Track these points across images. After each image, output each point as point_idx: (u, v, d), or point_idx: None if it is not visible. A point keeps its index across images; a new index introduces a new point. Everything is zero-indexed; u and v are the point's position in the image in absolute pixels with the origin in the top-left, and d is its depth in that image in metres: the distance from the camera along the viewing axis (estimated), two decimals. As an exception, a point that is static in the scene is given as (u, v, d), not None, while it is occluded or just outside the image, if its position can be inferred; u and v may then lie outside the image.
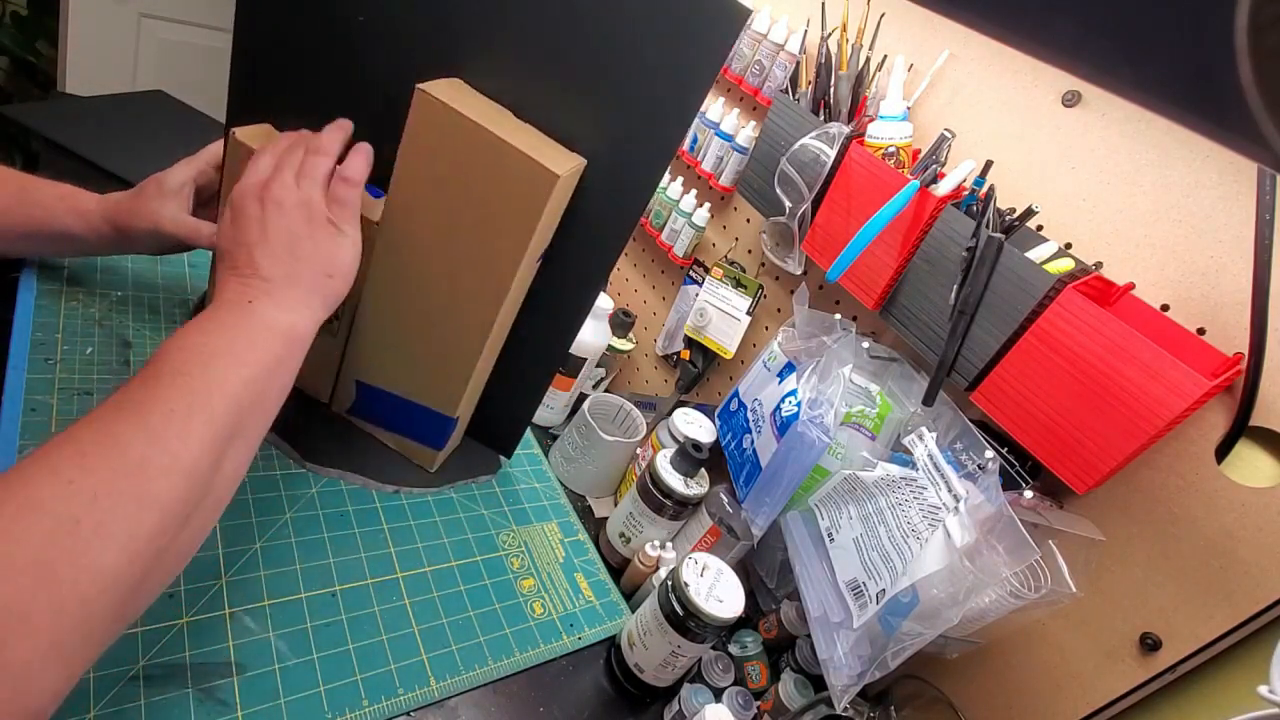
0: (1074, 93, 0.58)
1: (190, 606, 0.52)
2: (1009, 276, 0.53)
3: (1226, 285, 0.50)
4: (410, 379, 0.64)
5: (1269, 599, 0.47)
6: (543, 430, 0.90)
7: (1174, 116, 0.16)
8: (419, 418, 0.66)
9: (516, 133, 0.51)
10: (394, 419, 0.67)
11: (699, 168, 0.86)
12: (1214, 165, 0.50)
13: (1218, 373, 0.47)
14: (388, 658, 0.56)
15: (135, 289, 0.73)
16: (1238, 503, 0.49)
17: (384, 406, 0.66)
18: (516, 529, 0.73)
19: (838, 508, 0.62)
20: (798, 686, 0.66)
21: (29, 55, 1.62)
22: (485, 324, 0.58)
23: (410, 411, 0.65)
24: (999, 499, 0.51)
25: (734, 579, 0.63)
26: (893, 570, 0.54)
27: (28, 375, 0.59)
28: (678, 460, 0.72)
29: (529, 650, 0.63)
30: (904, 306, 0.62)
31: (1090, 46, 0.17)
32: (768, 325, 0.85)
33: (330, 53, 0.55)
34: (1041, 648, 0.59)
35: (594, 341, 0.84)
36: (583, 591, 0.71)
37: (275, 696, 0.50)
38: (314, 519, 0.62)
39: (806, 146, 0.68)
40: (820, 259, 0.69)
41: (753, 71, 0.79)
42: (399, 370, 0.63)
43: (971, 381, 0.57)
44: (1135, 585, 0.54)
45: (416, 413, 0.65)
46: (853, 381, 0.64)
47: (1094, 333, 0.49)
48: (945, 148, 0.60)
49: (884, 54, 0.70)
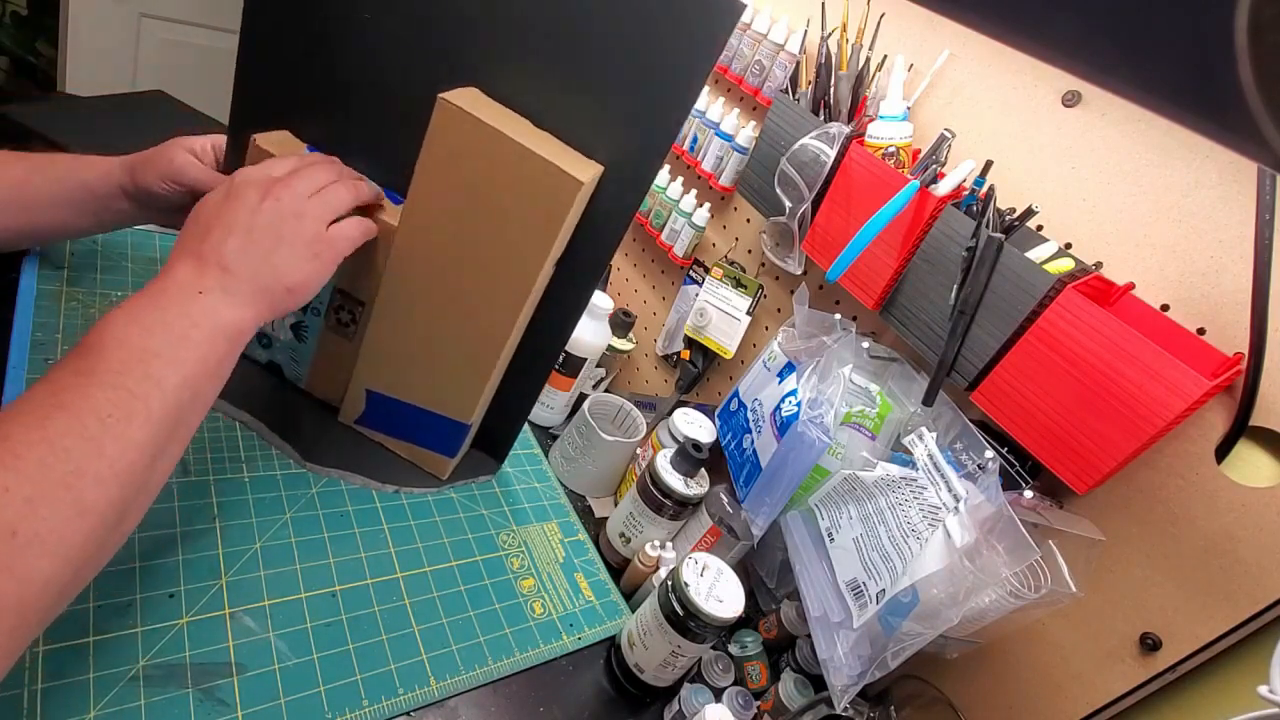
0: (1074, 93, 0.58)
1: (190, 606, 0.52)
2: (1009, 276, 0.53)
3: (1226, 285, 0.50)
4: (425, 386, 0.63)
5: (1269, 599, 0.47)
6: (543, 430, 0.90)
7: (1174, 116, 0.16)
8: (432, 425, 0.65)
9: (538, 140, 0.51)
10: (406, 427, 0.67)
11: (699, 168, 0.86)
12: (1214, 165, 0.50)
13: (1218, 373, 0.47)
14: (388, 658, 0.56)
15: (135, 289, 0.73)
16: (1238, 503, 0.49)
17: (396, 415, 0.66)
18: (516, 529, 0.73)
19: (838, 508, 0.62)
20: (798, 686, 0.66)
21: (29, 55, 1.63)
22: (505, 329, 0.58)
23: (423, 419, 0.65)
24: (999, 499, 0.51)
25: (734, 579, 0.63)
26: (893, 570, 0.54)
27: (28, 375, 0.59)
28: (678, 460, 0.72)
29: (529, 650, 0.63)
30: (904, 306, 0.62)
31: (1090, 46, 0.17)
32: (768, 325, 0.85)
33: (340, 57, 0.55)
34: (1041, 648, 0.59)
35: (594, 341, 0.84)
36: (583, 591, 0.71)
37: (275, 696, 0.50)
38: (314, 519, 0.62)
39: (806, 146, 0.68)
40: (820, 259, 0.69)
41: (753, 71, 0.79)
42: (413, 378, 0.63)
43: (971, 381, 0.57)
44: (1135, 585, 0.54)
45: (430, 420, 0.65)
46: (853, 381, 0.64)
47: (1094, 333, 0.49)
48: (945, 148, 0.60)
49: (884, 54, 0.70)
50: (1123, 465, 0.49)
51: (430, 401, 0.64)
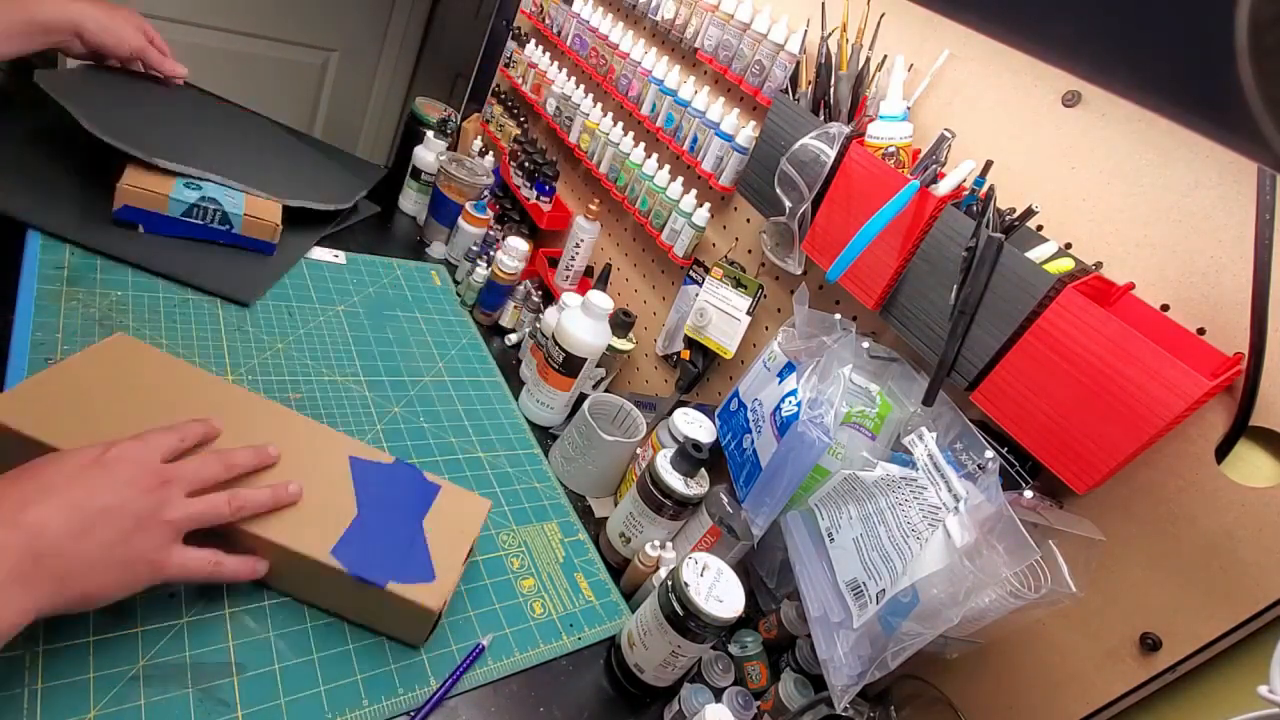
0: (1074, 93, 0.58)
1: (190, 606, 0.52)
2: (1009, 276, 0.53)
3: (1226, 285, 0.50)
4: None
5: (1269, 599, 0.47)
6: (543, 430, 0.90)
7: (1174, 116, 0.16)
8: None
9: None
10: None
11: (699, 168, 0.86)
12: (1214, 165, 0.50)
13: (1218, 373, 0.47)
14: (388, 658, 0.56)
15: (135, 289, 0.73)
16: (1238, 503, 0.49)
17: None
18: (516, 529, 0.73)
19: (838, 508, 0.62)
20: (798, 686, 0.66)
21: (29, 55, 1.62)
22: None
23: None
24: (999, 499, 0.51)
25: (734, 579, 0.63)
26: (893, 570, 0.54)
27: (28, 375, 0.59)
28: (678, 460, 0.72)
29: (529, 650, 0.63)
30: (904, 306, 0.62)
31: (1090, 46, 0.17)
32: (768, 325, 0.85)
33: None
34: (1041, 648, 0.59)
35: (594, 341, 0.84)
36: (583, 591, 0.71)
37: (275, 696, 0.50)
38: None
39: (806, 146, 0.68)
40: (820, 259, 0.69)
41: (753, 71, 0.79)
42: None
43: (971, 381, 0.57)
44: (1135, 585, 0.53)
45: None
46: (853, 381, 0.64)
47: (1094, 333, 0.49)
48: (945, 148, 0.60)
49: (884, 54, 0.70)
50: (1123, 465, 0.49)
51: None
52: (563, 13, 1.11)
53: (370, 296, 0.94)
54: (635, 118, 0.96)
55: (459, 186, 1.07)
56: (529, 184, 1.12)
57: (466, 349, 0.95)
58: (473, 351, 0.95)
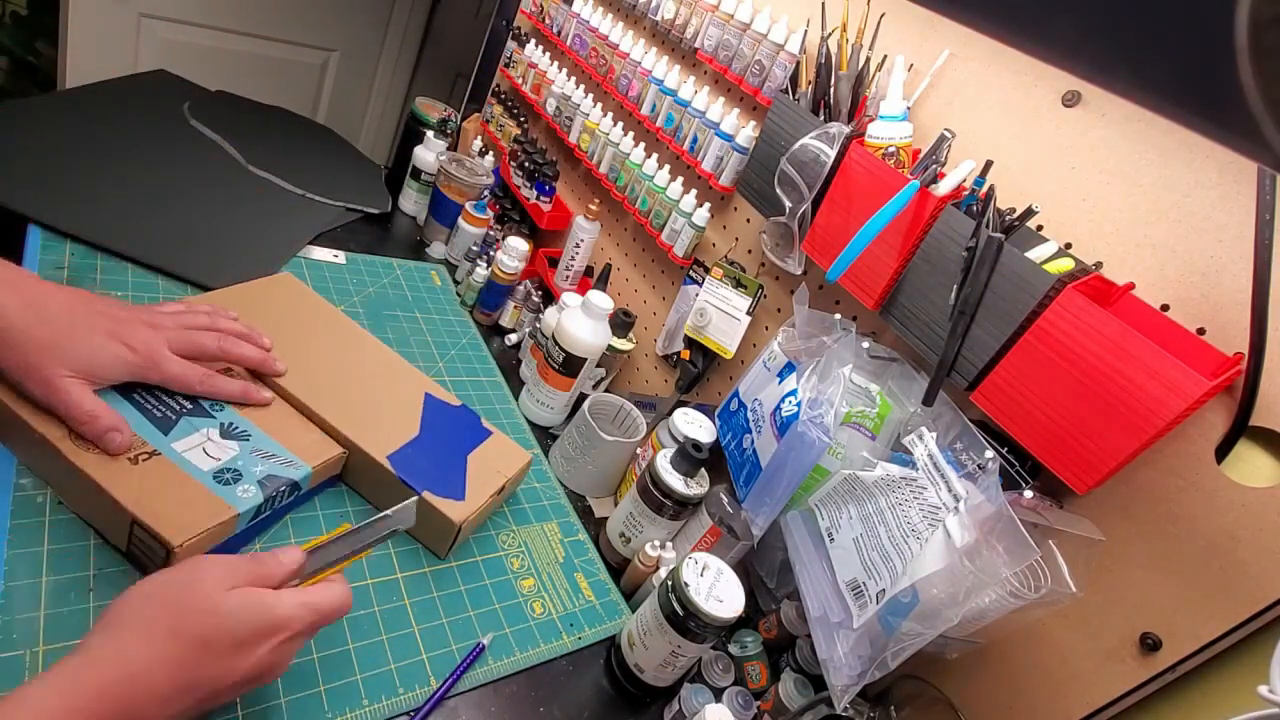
0: (1074, 93, 0.58)
1: (190, 606, 0.52)
2: (1009, 276, 0.53)
3: (1226, 285, 0.50)
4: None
5: (1269, 599, 0.47)
6: (543, 430, 0.90)
7: (1174, 116, 0.16)
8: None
9: None
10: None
11: (699, 168, 0.86)
12: (1214, 165, 0.50)
13: (1218, 373, 0.47)
14: (388, 658, 0.56)
15: (135, 289, 0.73)
16: (1238, 503, 0.49)
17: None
18: (516, 529, 0.73)
19: (838, 508, 0.62)
20: (798, 686, 0.66)
21: (29, 55, 1.62)
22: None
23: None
24: (999, 499, 0.51)
25: (734, 579, 0.63)
26: (893, 570, 0.54)
27: (28, 375, 0.59)
28: (678, 460, 0.72)
29: (529, 650, 0.63)
30: (904, 306, 0.62)
31: (1090, 46, 0.17)
32: (768, 325, 0.85)
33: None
34: (1041, 648, 0.59)
35: (594, 341, 0.84)
36: (583, 591, 0.71)
37: (275, 696, 0.50)
38: (314, 519, 0.62)
39: (806, 146, 0.68)
40: (820, 259, 0.69)
41: (753, 71, 0.79)
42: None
43: (971, 381, 0.57)
44: (1135, 585, 0.53)
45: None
46: (853, 381, 0.64)
47: (1094, 332, 0.49)
48: (945, 148, 0.60)
49: (884, 54, 0.70)
50: (1123, 465, 0.48)
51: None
52: (563, 13, 1.11)
53: (370, 296, 0.94)
54: (635, 118, 0.96)
55: (459, 186, 1.07)
56: (529, 184, 1.12)
57: (466, 349, 0.95)
58: (473, 351, 0.95)
